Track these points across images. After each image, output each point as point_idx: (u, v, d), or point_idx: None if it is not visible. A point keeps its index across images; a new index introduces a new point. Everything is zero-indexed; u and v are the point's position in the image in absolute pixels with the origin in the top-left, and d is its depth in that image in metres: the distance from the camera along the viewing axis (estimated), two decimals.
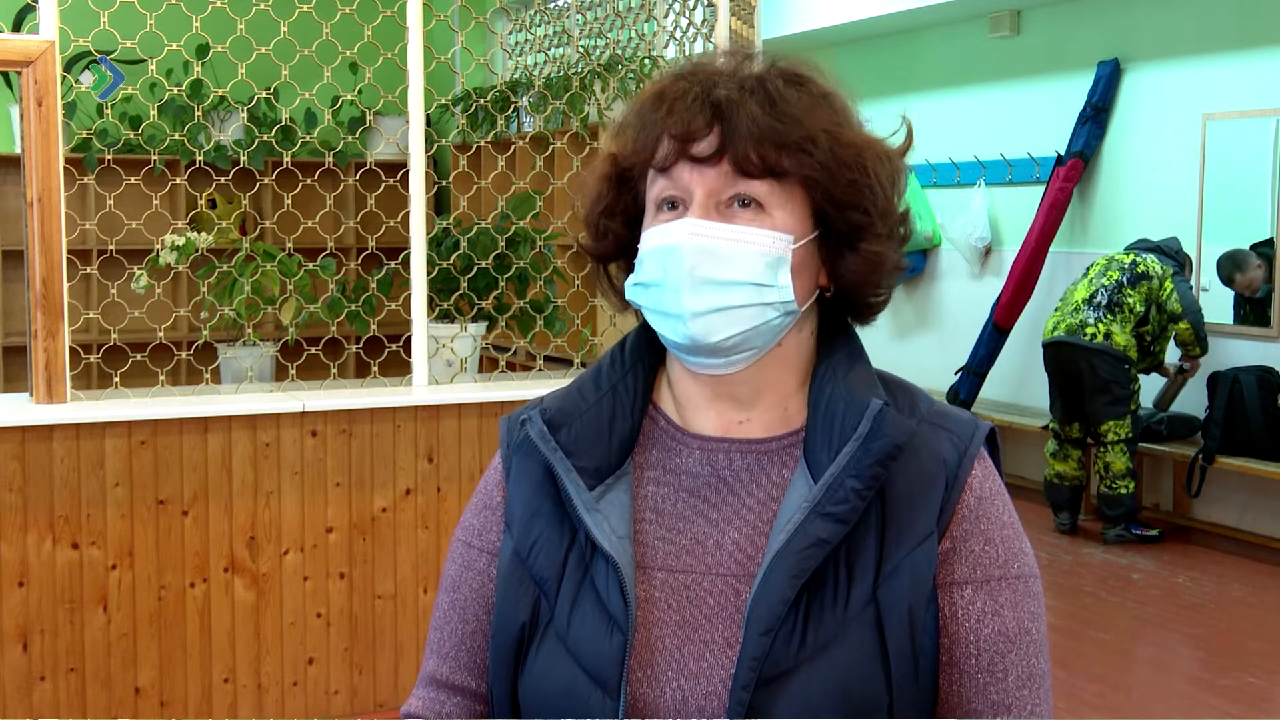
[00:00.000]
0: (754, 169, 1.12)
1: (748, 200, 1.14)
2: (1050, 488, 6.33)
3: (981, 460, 1.20)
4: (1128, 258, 5.99)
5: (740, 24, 4.36)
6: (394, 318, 4.21)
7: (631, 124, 1.19)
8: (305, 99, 4.07)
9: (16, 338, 6.60)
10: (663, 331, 1.18)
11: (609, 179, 1.22)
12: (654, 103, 1.17)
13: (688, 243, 1.13)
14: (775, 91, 1.14)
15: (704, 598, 1.16)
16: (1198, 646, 4.89)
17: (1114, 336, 5.92)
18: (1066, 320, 6.04)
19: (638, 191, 1.20)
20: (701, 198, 1.14)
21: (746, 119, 1.12)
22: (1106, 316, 5.93)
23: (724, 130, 1.13)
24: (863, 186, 1.15)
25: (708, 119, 1.13)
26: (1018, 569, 1.18)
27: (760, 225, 1.14)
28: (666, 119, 1.15)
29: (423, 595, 3.87)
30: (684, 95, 1.15)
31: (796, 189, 1.14)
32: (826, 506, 1.12)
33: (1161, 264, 5.94)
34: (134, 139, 4.20)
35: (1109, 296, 5.94)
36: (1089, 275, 6.09)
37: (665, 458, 1.22)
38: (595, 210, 1.23)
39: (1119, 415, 5.96)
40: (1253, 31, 6.02)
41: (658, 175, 1.16)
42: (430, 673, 1.28)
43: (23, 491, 3.45)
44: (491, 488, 1.29)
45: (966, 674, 1.16)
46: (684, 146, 1.14)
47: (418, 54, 3.90)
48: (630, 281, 1.19)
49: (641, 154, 1.17)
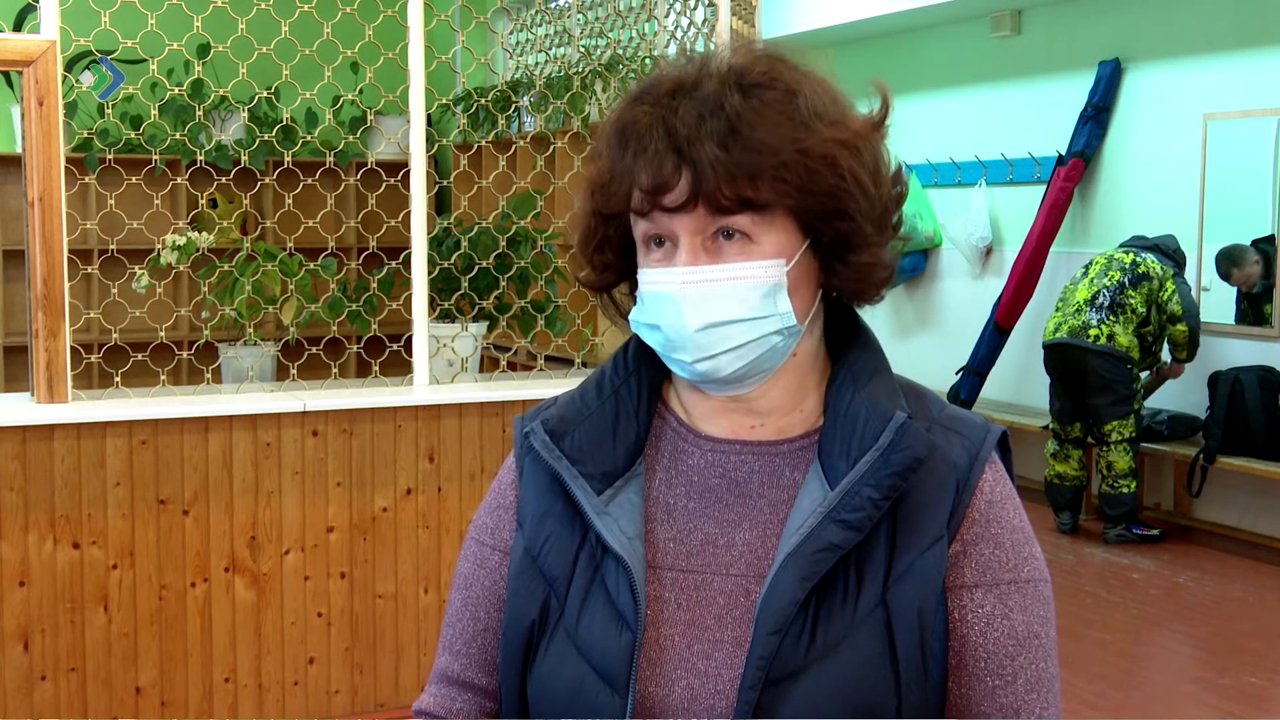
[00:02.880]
0: (730, 206, 1.10)
1: (732, 232, 1.12)
2: (1051, 488, 6.33)
3: (993, 464, 1.19)
4: (1128, 257, 5.99)
5: (741, 24, 4.36)
6: (395, 317, 4.21)
7: (602, 159, 1.17)
8: (306, 99, 4.07)
9: (17, 337, 6.60)
10: (673, 368, 1.19)
11: (594, 214, 1.20)
12: (619, 141, 1.15)
13: (681, 291, 1.13)
14: (734, 112, 1.10)
15: (714, 598, 1.16)
16: (1198, 646, 4.89)
17: (1117, 338, 5.92)
18: (1069, 321, 6.03)
19: (625, 221, 1.19)
20: (686, 240, 1.12)
21: (710, 159, 1.09)
22: (1109, 318, 5.92)
23: (692, 175, 1.10)
24: (842, 193, 1.12)
25: (674, 163, 1.10)
26: (1028, 573, 1.18)
27: (750, 257, 1.12)
28: (634, 165, 1.13)
29: (423, 595, 3.87)
30: (646, 134, 1.12)
31: (780, 212, 1.13)
32: (841, 513, 1.12)
33: (1162, 264, 5.95)
34: (135, 139, 4.20)
35: (1111, 297, 5.94)
36: (1089, 275, 6.08)
37: (677, 459, 1.22)
38: (588, 246, 1.22)
39: (1123, 415, 5.97)
40: (1253, 31, 6.02)
41: (638, 218, 1.15)
42: (442, 669, 1.29)
43: (24, 491, 3.45)
44: (505, 486, 1.30)
45: (975, 677, 1.16)
46: (656, 198, 1.12)
47: (419, 54, 3.89)
48: (633, 318, 1.19)
49: (617, 200, 1.15)
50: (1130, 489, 6.03)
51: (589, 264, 1.24)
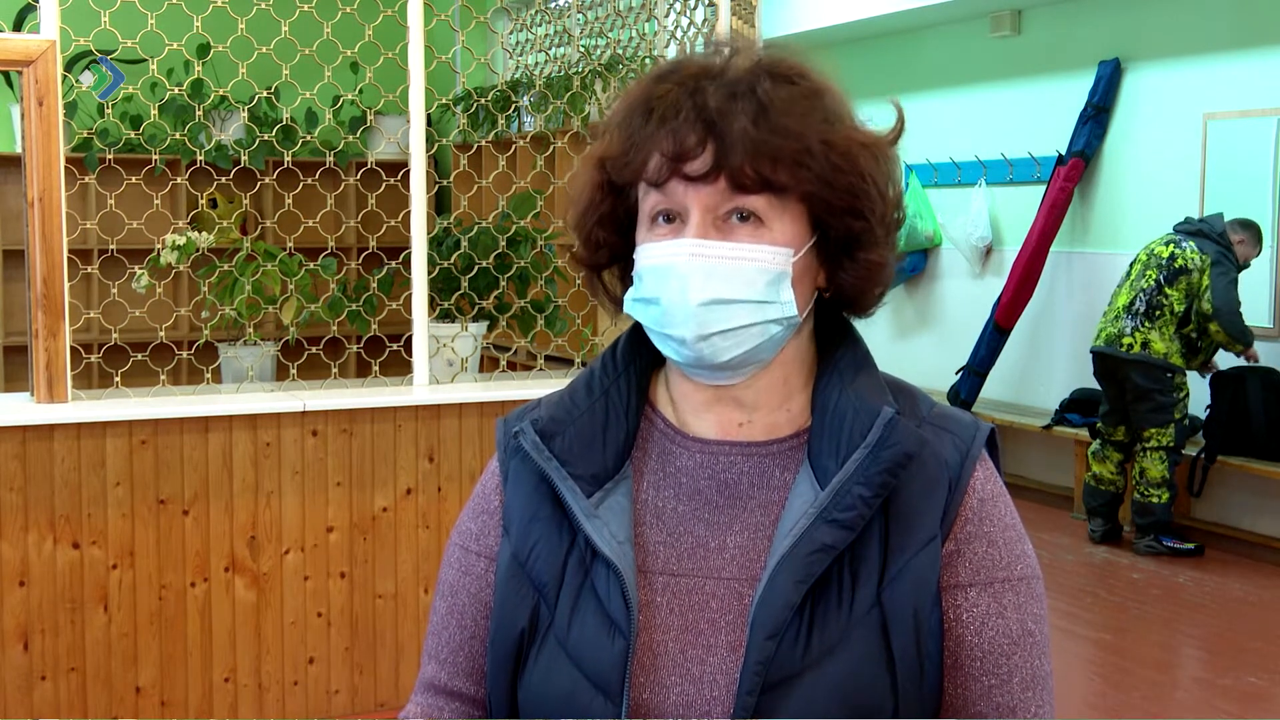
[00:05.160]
0: (750, 184, 1.10)
1: (746, 214, 1.11)
2: (1087, 491, 6.19)
3: (983, 462, 1.19)
4: (1166, 250, 5.79)
5: (741, 24, 4.36)
6: (395, 317, 4.21)
7: (619, 130, 1.16)
8: (306, 98, 4.07)
9: (17, 337, 6.60)
10: (665, 350, 1.17)
11: (599, 186, 1.19)
12: (642, 112, 1.14)
13: (688, 263, 1.11)
14: (765, 96, 1.10)
15: (707, 602, 1.15)
16: (1199, 646, 4.89)
17: (1152, 345, 5.77)
18: (1107, 329, 5.92)
19: (629, 198, 1.17)
20: (699, 214, 1.11)
21: (740, 133, 1.09)
22: (1144, 324, 5.77)
23: (718, 147, 1.09)
24: (860, 192, 1.13)
25: (700, 135, 1.10)
26: (1021, 571, 1.18)
27: (760, 240, 1.12)
28: (657, 133, 1.12)
29: (423, 595, 3.87)
30: (673, 105, 1.11)
31: (794, 200, 1.12)
32: (833, 513, 1.11)
33: (1202, 253, 5.70)
34: (135, 138, 4.20)
35: (1147, 301, 5.78)
36: (1130, 277, 5.91)
37: (665, 461, 1.21)
38: (587, 219, 1.20)
39: (1161, 423, 5.82)
40: (1253, 31, 6.02)
41: (651, 189, 1.14)
42: (428, 679, 1.27)
43: (24, 491, 3.45)
44: (489, 491, 1.27)
45: (971, 677, 1.15)
46: (677, 165, 1.10)
47: (418, 53, 3.89)
48: (629, 296, 1.17)
49: (633, 168, 1.14)
50: (1162, 499, 5.87)
51: (584, 241, 1.22)
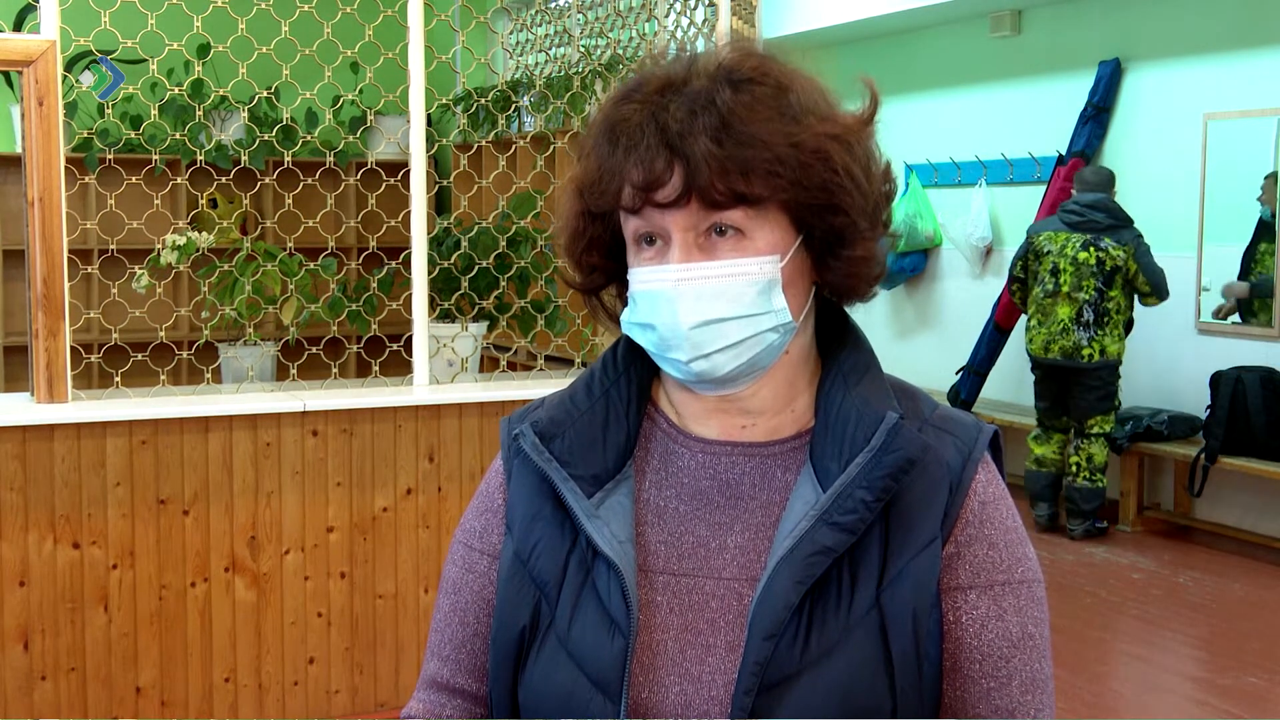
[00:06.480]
0: (724, 201, 1.09)
1: (725, 228, 1.11)
2: (1030, 476, 6.36)
3: (985, 465, 1.19)
4: (1090, 256, 5.94)
5: (741, 24, 4.36)
6: (395, 317, 4.21)
7: (592, 157, 1.16)
8: (306, 98, 4.07)
9: (17, 337, 6.61)
10: (667, 369, 1.17)
11: (582, 214, 1.19)
12: (609, 138, 1.14)
13: (675, 289, 1.11)
14: (726, 107, 1.09)
15: (706, 601, 1.15)
16: (1198, 646, 4.89)
17: (1108, 350, 6.02)
18: (1058, 341, 6.05)
19: (614, 221, 1.17)
20: (679, 236, 1.11)
21: (704, 153, 1.08)
22: (1098, 333, 6.00)
23: (685, 169, 1.09)
24: (835, 187, 1.12)
25: (666, 159, 1.09)
26: (1021, 574, 1.17)
27: (744, 253, 1.11)
28: (625, 162, 1.11)
29: (424, 595, 3.87)
30: (638, 129, 1.11)
31: (773, 206, 1.12)
32: (834, 516, 1.11)
33: (1122, 245, 5.92)
34: (135, 138, 4.20)
35: (1094, 310, 5.98)
36: (1063, 287, 5.99)
37: (666, 460, 1.21)
38: (576, 246, 1.21)
39: (1105, 410, 6.09)
40: (1253, 31, 6.02)
41: (629, 215, 1.14)
42: (430, 676, 1.28)
43: (24, 491, 3.45)
44: (493, 490, 1.28)
45: (970, 679, 1.15)
46: (648, 194, 1.10)
47: (418, 53, 3.89)
48: (626, 319, 1.18)
49: (608, 198, 1.14)
50: (1104, 483, 6.16)
51: (576, 266, 1.23)
